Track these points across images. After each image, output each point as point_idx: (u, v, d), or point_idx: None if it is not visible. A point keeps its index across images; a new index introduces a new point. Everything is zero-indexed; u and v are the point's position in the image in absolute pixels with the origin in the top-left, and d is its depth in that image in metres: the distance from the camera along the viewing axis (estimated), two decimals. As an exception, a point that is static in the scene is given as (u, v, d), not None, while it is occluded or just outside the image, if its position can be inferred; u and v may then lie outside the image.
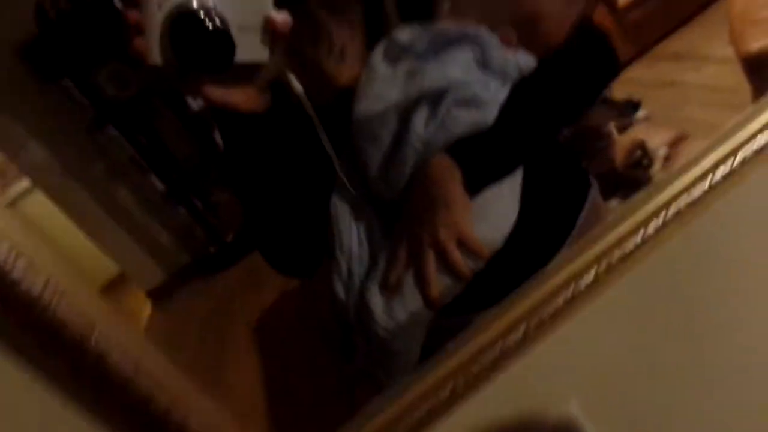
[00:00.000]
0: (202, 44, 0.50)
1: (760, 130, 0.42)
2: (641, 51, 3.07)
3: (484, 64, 0.71)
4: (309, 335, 2.22)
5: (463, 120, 0.68)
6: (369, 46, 0.74)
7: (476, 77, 0.71)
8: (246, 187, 0.69)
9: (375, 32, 0.74)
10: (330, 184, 0.73)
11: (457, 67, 0.68)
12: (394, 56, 0.73)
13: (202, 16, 0.48)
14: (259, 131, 0.63)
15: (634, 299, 0.45)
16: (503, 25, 0.71)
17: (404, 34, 0.72)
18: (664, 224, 0.44)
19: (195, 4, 0.49)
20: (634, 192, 1.70)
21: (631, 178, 1.68)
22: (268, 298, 3.16)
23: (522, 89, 0.70)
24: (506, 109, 0.69)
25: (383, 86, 0.70)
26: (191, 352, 3.32)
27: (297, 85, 0.71)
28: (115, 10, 2.91)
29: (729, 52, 1.89)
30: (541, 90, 0.71)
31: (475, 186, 0.62)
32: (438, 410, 0.40)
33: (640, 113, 1.80)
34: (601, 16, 2.89)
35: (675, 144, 1.85)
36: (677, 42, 3.13)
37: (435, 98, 0.65)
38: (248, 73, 0.57)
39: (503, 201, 0.71)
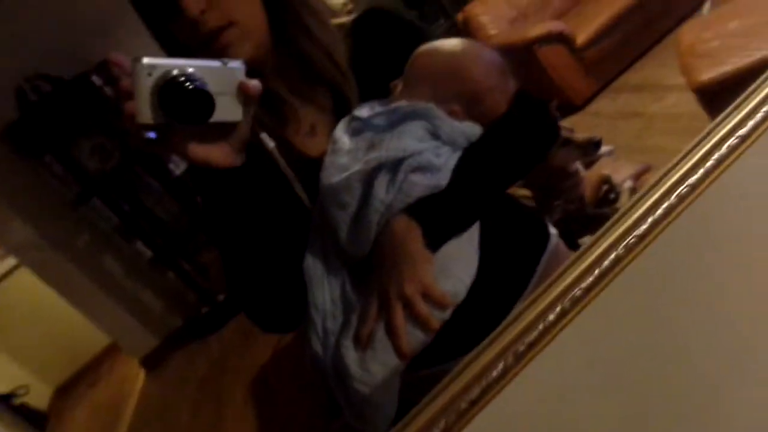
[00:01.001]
0: (184, 100, 0.57)
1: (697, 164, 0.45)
2: (603, 85, 3.20)
3: (434, 134, 0.76)
4: (303, 390, 2.21)
5: (420, 184, 0.73)
6: (336, 122, 0.80)
7: (429, 146, 0.75)
8: (225, 243, 0.72)
9: (341, 110, 0.80)
10: (305, 236, 0.77)
11: (411, 138, 0.72)
12: (355, 130, 0.78)
13: (183, 80, 0.55)
14: (236, 186, 0.67)
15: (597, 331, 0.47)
16: (449, 101, 0.77)
17: (364, 110, 0.77)
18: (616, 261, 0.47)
19: (176, 72, 0.55)
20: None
21: (600, 214, 1.73)
22: (262, 355, 3.14)
23: (470, 154, 0.74)
24: (457, 172, 0.74)
25: (347, 158, 0.75)
26: (189, 414, 3.27)
27: (269, 142, 0.76)
28: (94, 87, 3.01)
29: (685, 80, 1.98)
30: (487, 153, 0.75)
31: (435, 242, 0.67)
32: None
33: (604, 149, 1.86)
34: (561, 55, 3.02)
35: (640, 176, 1.91)
36: (637, 74, 3.26)
37: (393, 166, 0.69)
38: (225, 133, 0.63)
39: (463, 254, 0.74)
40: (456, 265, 0.68)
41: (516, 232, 0.82)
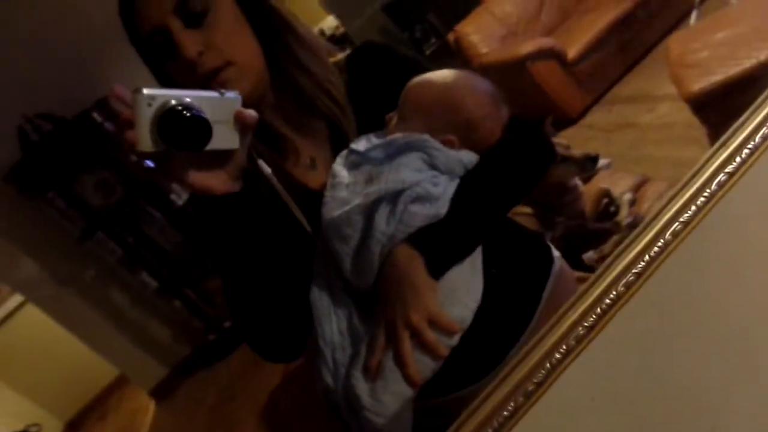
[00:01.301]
0: (183, 128, 0.59)
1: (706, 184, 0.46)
2: (596, 98, 3.24)
3: (431, 164, 0.77)
4: (314, 416, 2.20)
5: (420, 214, 0.71)
6: (336, 155, 0.81)
7: (426, 176, 0.76)
8: (227, 270, 0.73)
9: (338, 143, 0.81)
10: (308, 266, 0.77)
11: (409, 170, 0.73)
12: (353, 164, 0.79)
13: (181, 109, 0.58)
14: (235, 212, 0.69)
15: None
16: (444, 131, 0.78)
17: (361, 144, 0.79)
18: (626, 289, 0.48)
19: (175, 101, 0.58)
20: (605, 242, 1.74)
21: (601, 229, 1.74)
22: (271, 381, 3.13)
23: (467, 182, 0.76)
24: (456, 200, 0.75)
25: (346, 192, 0.76)
26: (200, 443, 3.25)
27: (266, 168, 0.76)
28: (95, 124, 3.05)
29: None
30: (484, 180, 0.76)
31: (437, 269, 0.68)
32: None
33: (602, 162, 1.88)
34: (553, 70, 3.07)
35: (639, 188, 1.93)
36: (628, 86, 3.29)
37: (393, 198, 0.71)
38: (222, 160, 0.65)
39: (467, 280, 0.75)
40: (460, 291, 0.69)
41: (519, 256, 0.83)
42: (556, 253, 0.88)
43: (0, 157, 2.76)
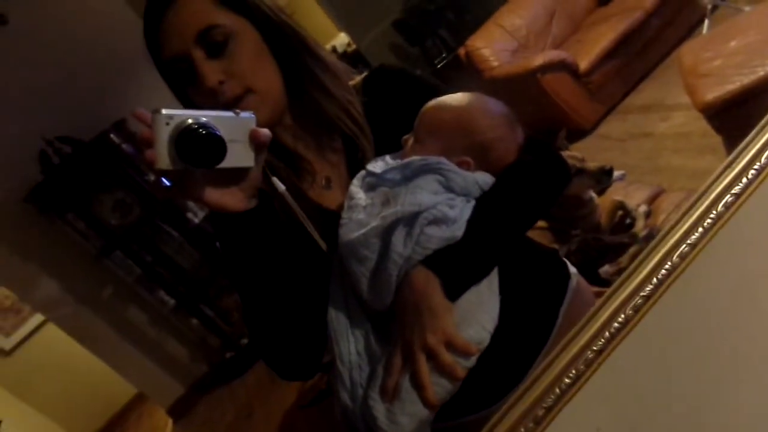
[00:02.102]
0: (199, 145, 0.61)
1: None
2: (609, 109, 3.22)
3: (447, 186, 0.76)
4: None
5: (436, 236, 0.73)
6: (351, 175, 0.82)
7: (443, 198, 0.76)
8: (244, 287, 0.74)
9: (354, 165, 0.82)
10: (323, 284, 0.77)
11: (425, 192, 0.74)
12: (370, 185, 0.79)
13: (198, 128, 0.60)
14: (250, 229, 0.69)
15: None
16: (460, 153, 0.78)
17: (377, 166, 0.79)
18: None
19: (191, 121, 0.59)
20: (621, 255, 1.71)
21: (617, 242, 1.72)
22: (289, 397, 3.13)
23: (483, 204, 0.75)
24: (472, 222, 0.75)
25: (363, 214, 0.76)
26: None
27: (280, 185, 0.77)
28: (113, 145, 3.11)
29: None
30: (500, 202, 0.76)
31: (454, 291, 0.68)
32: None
33: (616, 174, 1.85)
34: (565, 82, 3.06)
35: (654, 199, 1.91)
36: (641, 96, 3.26)
37: (410, 220, 0.71)
38: (237, 178, 0.67)
39: (483, 301, 0.74)
40: (477, 313, 0.69)
41: (536, 275, 0.82)
42: (572, 269, 0.88)
43: (22, 179, 2.82)
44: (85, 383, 4.11)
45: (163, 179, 0.61)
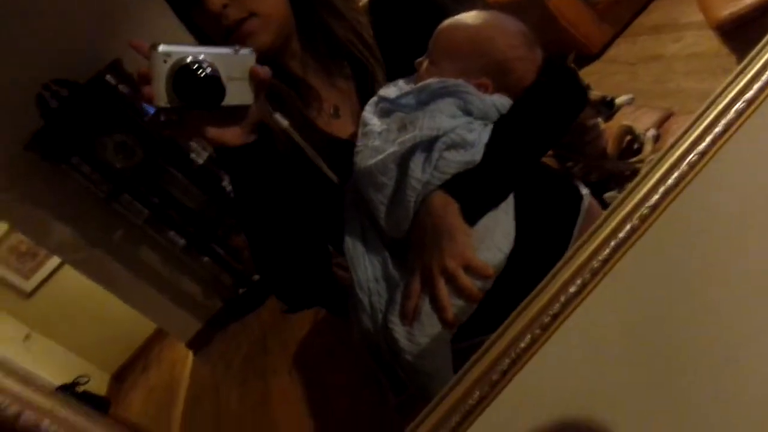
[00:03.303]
0: (196, 87, 0.60)
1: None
2: (619, 30, 3.09)
3: (466, 110, 0.74)
4: (346, 362, 2.28)
5: (455, 161, 0.72)
6: (361, 103, 0.81)
7: (461, 122, 0.74)
8: (252, 219, 0.75)
9: (364, 92, 0.80)
10: (333, 213, 0.78)
11: (444, 116, 0.72)
12: (384, 111, 0.78)
13: (196, 67, 0.59)
14: (254, 161, 0.71)
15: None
16: (478, 75, 0.76)
17: (390, 91, 0.78)
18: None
19: (190, 59, 0.59)
20: (629, 181, 1.72)
21: (624, 167, 1.71)
22: (301, 329, 3.24)
23: (502, 127, 0.74)
24: (491, 146, 0.74)
25: (379, 140, 0.75)
26: (237, 392, 3.42)
27: (282, 121, 0.77)
28: (109, 86, 3.05)
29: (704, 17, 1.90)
30: (518, 126, 0.75)
31: (472, 215, 0.69)
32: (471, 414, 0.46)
33: (624, 98, 1.81)
34: (572, 4, 2.92)
35: (662, 123, 1.87)
36: (653, 15, 3.12)
37: (428, 145, 0.70)
38: (238, 115, 0.67)
39: (500, 224, 0.74)
40: (494, 236, 0.70)
41: (550, 198, 0.83)
42: (584, 190, 0.88)
43: (22, 126, 2.80)
44: (107, 321, 4.25)
45: (161, 115, 0.61)
